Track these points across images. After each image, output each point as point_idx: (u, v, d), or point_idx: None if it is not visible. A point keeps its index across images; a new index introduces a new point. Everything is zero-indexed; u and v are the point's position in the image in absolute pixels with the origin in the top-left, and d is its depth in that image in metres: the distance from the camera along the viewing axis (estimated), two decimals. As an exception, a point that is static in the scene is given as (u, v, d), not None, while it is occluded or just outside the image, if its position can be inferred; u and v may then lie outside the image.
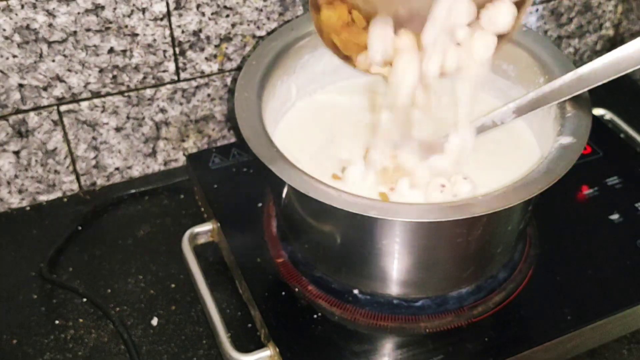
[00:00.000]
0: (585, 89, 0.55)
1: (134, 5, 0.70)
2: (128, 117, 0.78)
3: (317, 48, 0.69)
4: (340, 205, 0.51)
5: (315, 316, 0.62)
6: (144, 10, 0.71)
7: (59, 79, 0.72)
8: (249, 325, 0.65)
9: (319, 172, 0.60)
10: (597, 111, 0.88)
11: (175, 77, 0.77)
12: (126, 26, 0.71)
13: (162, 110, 0.79)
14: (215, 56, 0.78)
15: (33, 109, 0.73)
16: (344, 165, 0.62)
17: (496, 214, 0.52)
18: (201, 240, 0.73)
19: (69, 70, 0.72)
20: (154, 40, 0.74)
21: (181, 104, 0.79)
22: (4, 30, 0.67)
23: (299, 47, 0.67)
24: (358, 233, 0.57)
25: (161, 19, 0.72)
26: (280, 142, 0.58)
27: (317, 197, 0.51)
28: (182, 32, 0.74)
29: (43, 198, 0.79)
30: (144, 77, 0.76)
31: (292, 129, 0.68)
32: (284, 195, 0.61)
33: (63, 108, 0.74)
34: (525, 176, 0.54)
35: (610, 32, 1.00)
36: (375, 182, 0.59)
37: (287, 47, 0.66)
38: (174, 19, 0.73)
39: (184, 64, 0.77)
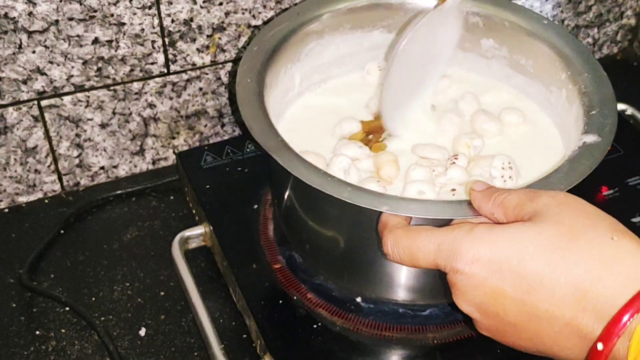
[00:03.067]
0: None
1: (120, -8, 0.70)
2: (114, 113, 0.78)
3: (323, 35, 0.69)
4: (350, 199, 0.51)
5: (315, 326, 0.62)
6: (131, -2, 0.71)
7: (39, 71, 0.72)
8: (244, 336, 0.65)
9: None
10: (618, 106, 0.87)
11: (165, 70, 0.77)
12: (112, 15, 0.71)
13: (151, 105, 0.79)
14: (207, 47, 0.78)
15: (12, 104, 0.73)
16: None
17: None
18: (192, 244, 0.73)
19: (51, 62, 0.72)
20: (142, 30, 0.74)
21: (171, 98, 0.80)
22: (-19, 19, 0.67)
23: (305, 34, 0.68)
24: (364, 233, 0.57)
25: (149, 7, 0.73)
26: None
27: (326, 190, 0.51)
28: (172, 21, 0.74)
29: (22, 199, 0.79)
30: (131, 70, 0.76)
31: (295, 123, 0.68)
32: (285, 192, 0.61)
33: (44, 103, 0.74)
34: (548, 176, 0.54)
35: (632, 21, 1.00)
36: (360, 177, 0.60)
37: (292, 33, 0.66)
38: (163, 7, 0.73)
39: (174, 55, 0.77)
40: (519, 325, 0.45)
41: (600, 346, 0.40)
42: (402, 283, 0.60)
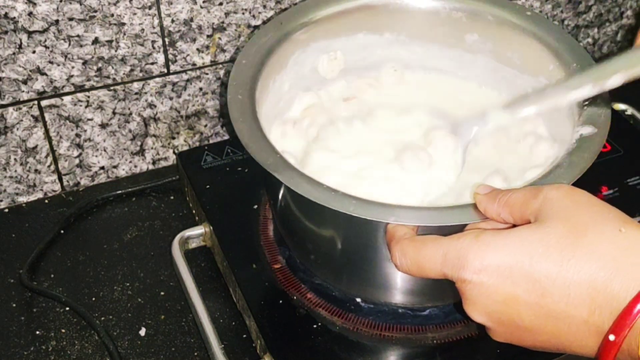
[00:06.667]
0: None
1: (120, -8, 0.71)
2: (114, 113, 0.78)
3: (309, 43, 0.69)
4: (357, 213, 0.50)
5: (314, 326, 0.62)
6: (131, -2, 0.71)
7: (39, 71, 0.72)
8: (244, 336, 0.65)
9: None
10: (618, 106, 0.88)
11: (165, 70, 0.77)
12: (112, 15, 0.71)
13: (151, 105, 0.79)
14: (207, 47, 0.78)
15: (12, 104, 0.73)
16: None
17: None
18: (192, 244, 0.73)
19: (51, 62, 0.72)
20: (142, 30, 0.74)
21: (171, 98, 0.80)
22: (-19, 19, 0.67)
23: (290, 42, 0.67)
24: (362, 237, 0.57)
25: (149, 7, 0.73)
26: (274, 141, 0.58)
27: (332, 205, 0.51)
28: (172, 21, 0.74)
29: (23, 199, 0.79)
30: (131, 70, 0.76)
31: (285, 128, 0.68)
32: (280, 198, 0.61)
33: (44, 103, 0.74)
34: (549, 172, 0.54)
35: (632, 21, 1.00)
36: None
37: (278, 43, 0.66)
38: (163, 7, 0.73)
39: (174, 55, 0.77)
40: (535, 329, 0.45)
41: (612, 337, 0.40)
42: (401, 288, 0.60)
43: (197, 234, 0.73)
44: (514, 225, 0.47)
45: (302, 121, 0.68)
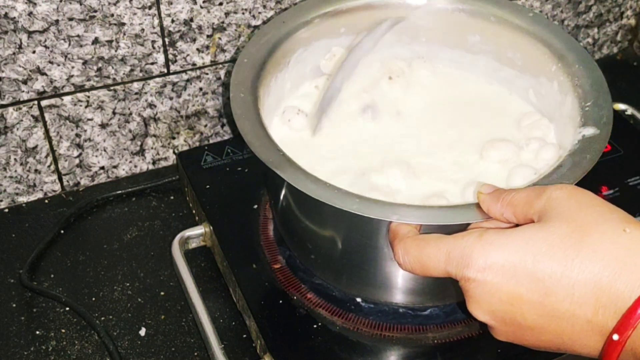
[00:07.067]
0: None
1: (120, -8, 0.70)
2: (114, 113, 0.78)
3: (310, 42, 0.69)
4: (360, 211, 0.50)
5: (315, 326, 0.62)
6: (131, -2, 0.71)
7: (39, 71, 0.72)
8: (244, 336, 0.65)
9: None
10: (619, 106, 0.88)
11: (165, 70, 0.77)
12: (112, 15, 0.71)
13: (151, 105, 0.79)
14: (207, 47, 0.78)
15: (12, 104, 0.73)
16: None
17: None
18: (192, 244, 0.73)
19: (51, 62, 0.72)
20: (142, 30, 0.74)
21: (171, 98, 0.79)
22: (-19, 19, 0.67)
23: (292, 41, 0.68)
24: (364, 236, 0.57)
25: (149, 7, 0.73)
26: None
27: (335, 203, 0.51)
28: (172, 21, 0.74)
29: (23, 199, 0.79)
30: (131, 70, 0.76)
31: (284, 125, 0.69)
32: (281, 197, 0.61)
33: (44, 103, 0.74)
34: (551, 172, 0.54)
35: (632, 22, 1.00)
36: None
37: (280, 42, 0.67)
38: (163, 7, 0.73)
39: (174, 55, 0.77)
40: (538, 328, 0.45)
41: (615, 337, 0.40)
42: (402, 287, 0.60)
43: (197, 234, 0.73)
44: (517, 225, 0.47)
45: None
